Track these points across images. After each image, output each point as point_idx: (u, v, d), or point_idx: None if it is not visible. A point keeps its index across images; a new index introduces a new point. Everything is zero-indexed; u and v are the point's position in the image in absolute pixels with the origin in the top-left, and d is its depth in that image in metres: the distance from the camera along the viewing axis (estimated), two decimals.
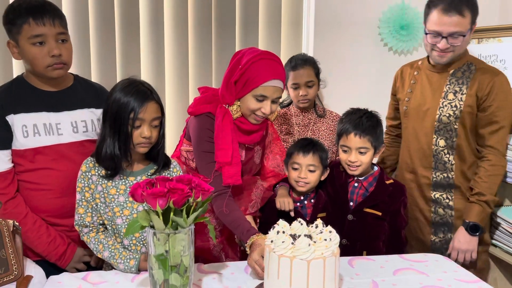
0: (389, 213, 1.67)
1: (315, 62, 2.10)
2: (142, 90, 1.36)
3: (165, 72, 2.38)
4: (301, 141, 1.75)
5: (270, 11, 2.43)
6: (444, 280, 1.38)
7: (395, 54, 2.55)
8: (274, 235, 1.14)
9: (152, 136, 1.37)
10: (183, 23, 2.36)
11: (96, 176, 1.41)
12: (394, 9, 2.48)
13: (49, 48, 1.43)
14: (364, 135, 1.65)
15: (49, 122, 1.50)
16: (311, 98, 2.06)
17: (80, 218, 1.43)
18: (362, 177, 1.72)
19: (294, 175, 1.69)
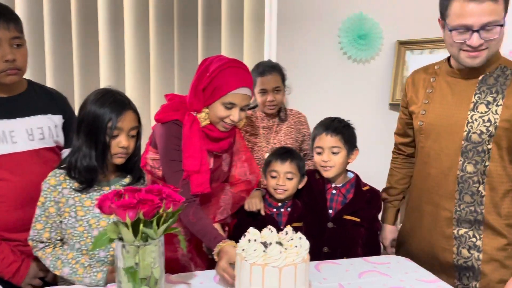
0: (366, 219, 1.73)
1: (282, 69, 2.15)
2: (120, 99, 1.35)
3: (125, 72, 2.33)
4: (279, 150, 1.79)
5: (232, 10, 2.44)
6: (406, 280, 1.44)
7: (353, 62, 2.64)
8: (246, 244, 1.14)
9: (129, 146, 1.35)
10: (144, 21, 2.32)
11: (67, 189, 1.36)
12: (352, 19, 2.57)
13: (2, 53, 1.37)
14: (335, 134, 1.71)
15: (2, 129, 1.42)
16: (278, 103, 2.09)
17: (36, 234, 1.37)
18: (340, 184, 1.75)
19: (273, 183, 1.72)
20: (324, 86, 2.62)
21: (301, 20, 2.52)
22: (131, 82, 2.35)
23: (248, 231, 1.20)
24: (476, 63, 1.42)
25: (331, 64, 2.60)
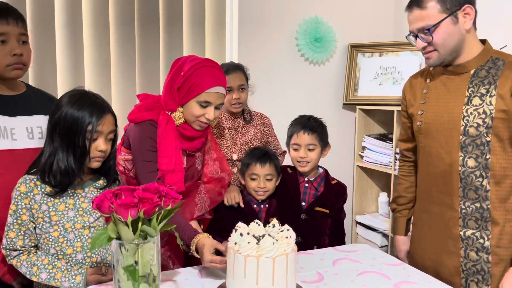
0: (334, 210, 1.86)
1: (244, 68, 2.21)
2: (99, 103, 1.34)
3: (85, 75, 2.27)
4: (256, 152, 1.84)
5: (194, 12, 2.45)
6: (375, 265, 1.57)
7: (310, 64, 2.77)
8: (238, 237, 1.19)
9: (107, 149, 1.35)
10: (104, 23, 2.27)
11: (40, 195, 1.33)
12: (309, 22, 2.69)
13: (11, 47, 1.42)
14: (312, 133, 1.83)
15: (3, 125, 1.43)
16: (243, 102, 2.14)
17: (10, 242, 1.33)
18: (312, 178, 1.87)
19: (253, 185, 1.79)
20: (283, 86, 2.72)
21: (261, 22, 2.60)
22: (91, 83, 2.29)
23: (238, 226, 1.25)
24: (430, 63, 1.51)
25: (289, 65, 2.71)
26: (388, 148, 2.58)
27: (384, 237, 2.66)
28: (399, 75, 2.70)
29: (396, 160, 2.46)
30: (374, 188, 2.88)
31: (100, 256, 1.40)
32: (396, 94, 2.67)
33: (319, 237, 1.85)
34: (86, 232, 1.38)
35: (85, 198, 1.39)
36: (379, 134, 2.77)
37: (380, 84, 2.74)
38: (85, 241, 1.37)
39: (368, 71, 2.79)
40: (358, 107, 2.78)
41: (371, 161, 2.70)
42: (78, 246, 1.36)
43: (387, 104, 2.64)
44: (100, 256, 1.40)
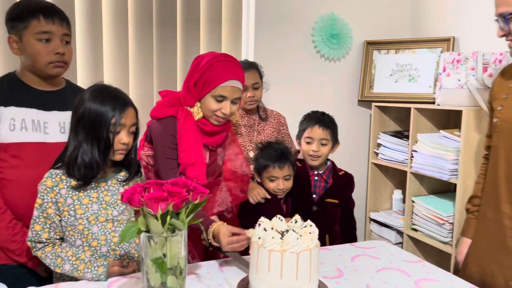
0: (343, 200, 1.93)
1: (258, 66, 2.22)
2: (121, 96, 1.37)
3: (104, 73, 2.30)
4: (273, 153, 1.83)
5: (211, 11, 2.46)
6: (394, 262, 1.58)
7: (325, 60, 2.77)
8: (262, 232, 1.21)
9: (129, 142, 1.37)
10: (123, 22, 2.29)
11: (65, 189, 1.36)
12: (325, 18, 2.69)
13: (54, 46, 1.48)
14: (326, 128, 1.88)
15: (38, 119, 1.48)
16: (258, 99, 2.16)
17: (35, 235, 1.36)
18: (322, 171, 1.93)
19: (272, 186, 1.83)
20: (298, 83, 2.73)
21: (277, 19, 2.60)
22: (110, 80, 2.30)
23: (261, 220, 1.26)
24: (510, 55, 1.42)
25: (305, 62, 2.71)
26: (404, 145, 2.58)
27: (399, 234, 2.67)
28: (415, 72, 2.69)
29: (412, 157, 2.46)
30: (388, 185, 2.88)
31: (123, 250, 1.43)
32: (412, 91, 2.66)
33: (330, 226, 1.92)
34: (109, 225, 1.40)
35: (108, 191, 1.41)
36: (395, 131, 2.77)
37: (396, 81, 2.74)
38: (108, 235, 1.40)
39: (384, 68, 2.79)
40: (373, 104, 2.77)
41: (386, 158, 2.70)
42: (102, 239, 1.39)
43: (403, 101, 2.63)
44: (124, 249, 1.43)
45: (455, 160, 2.23)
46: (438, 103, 2.37)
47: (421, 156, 2.39)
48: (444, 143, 2.31)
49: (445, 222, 2.30)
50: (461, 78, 2.28)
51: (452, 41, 2.57)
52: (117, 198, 1.42)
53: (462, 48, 2.57)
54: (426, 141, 2.38)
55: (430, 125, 2.51)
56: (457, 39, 2.59)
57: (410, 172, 2.50)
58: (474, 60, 2.23)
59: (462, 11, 2.59)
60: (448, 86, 2.31)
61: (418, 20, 2.90)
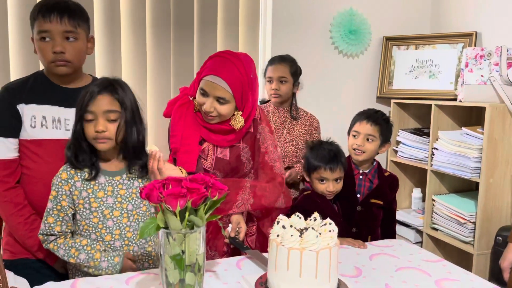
0: (387, 201, 1.88)
1: (294, 62, 2.20)
2: (101, 82, 1.34)
3: (122, 74, 2.31)
4: (325, 154, 1.74)
5: (228, 11, 2.47)
6: (413, 261, 1.54)
7: (344, 56, 2.74)
8: (281, 230, 1.20)
9: (108, 130, 1.32)
10: (141, 22, 2.31)
11: (80, 182, 1.37)
12: (343, 14, 2.66)
13: (52, 44, 1.46)
14: (375, 124, 1.83)
15: (58, 116, 1.50)
16: (283, 94, 2.14)
17: (48, 228, 1.37)
18: (367, 170, 1.88)
19: (322, 188, 1.75)
20: (316, 80, 2.70)
21: (294, 17, 2.58)
22: (128, 81, 2.32)
23: (279, 218, 1.25)
24: None
25: (323, 59, 2.68)
26: (425, 143, 2.53)
27: (418, 233, 2.63)
28: (436, 68, 2.63)
29: (432, 155, 2.41)
30: (407, 183, 2.84)
31: (137, 245, 1.43)
32: (433, 88, 2.61)
33: (374, 228, 1.87)
34: (124, 220, 1.40)
35: (122, 185, 1.41)
36: (414, 128, 2.72)
37: (416, 78, 2.69)
38: (123, 229, 1.40)
39: (403, 64, 2.74)
40: (392, 101, 2.73)
41: (406, 156, 2.65)
42: (116, 233, 1.39)
43: (424, 98, 2.58)
44: (138, 244, 1.43)
45: (477, 158, 2.18)
46: (460, 100, 2.32)
47: (442, 154, 2.34)
48: (466, 140, 2.26)
49: (467, 221, 2.25)
50: (484, 74, 2.22)
51: (474, 36, 2.51)
52: (131, 191, 1.42)
53: (485, 43, 2.51)
54: (448, 138, 2.33)
55: (451, 122, 2.46)
56: (479, 34, 2.53)
57: (430, 170, 2.45)
58: (498, 55, 2.17)
59: (485, 5, 2.52)
60: (471, 82, 2.25)
61: (439, 14, 2.84)
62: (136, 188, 1.44)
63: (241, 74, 1.53)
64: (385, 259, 1.56)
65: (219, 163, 1.66)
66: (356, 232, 1.81)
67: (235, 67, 1.52)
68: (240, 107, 1.59)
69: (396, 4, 2.80)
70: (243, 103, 1.59)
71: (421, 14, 2.87)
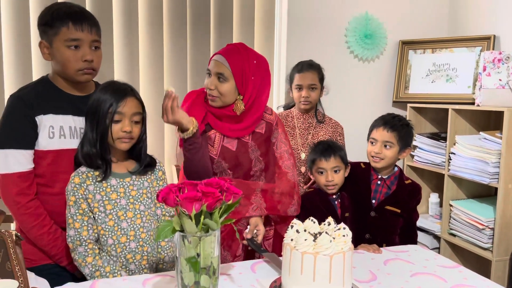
0: (406, 210, 1.83)
1: (320, 68, 2.22)
2: (122, 87, 1.41)
3: (140, 73, 2.36)
4: (320, 147, 1.84)
5: (243, 11, 2.49)
6: (429, 267, 1.53)
7: (359, 61, 2.74)
8: (294, 234, 1.20)
9: (133, 131, 1.40)
10: (158, 23, 2.35)
11: (92, 185, 1.40)
12: (358, 19, 2.66)
13: (83, 53, 1.48)
14: (391, 131, 1.80)
15: (74, 125, 1.52)
16: (313, 100, 2.16)
17: (76, 233, 1.39)
18: (386, 176, 1.85)
19: (322, 180, 1.81)
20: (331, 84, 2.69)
21: (310, 19, 2.59)
22: (145, 83, 2.37)
23: (293, 222, 1.26)
24: None
25: (338, 62, 2.68)
26: (441, 147, 2.50)
27: (435, 239, 2.59)
28: (453, 72, 2.61)
29: (450, 160, 2.38)
30: (424, 188, 2.80)
31: (151, 246, 1.46)
32: (450, 92, 2.58)
33: (389, 236, 1.83)
34: (138, 221, 1.43)
35: (133, 186, 1.44)
36: (431, 133, 2.69)
37: (433, 82, 2.66)
38: (137, 230, 1.42)
39: (420, 68, 2.72)
40: (409, 105, 2.71)
41: (422, 160, 2.63)
42: (131, 235, 1.42)
43: (441, 102, 2.56)
44: (151, 246, 1.46)
45: (496, 163, 2.15)
46: (478, 104, 2.29)
47: (460, 159, 2.31)
48: (484, 145, 2.23)
49: (485, 227, 2.22)
50: (502, 77, 2.19)
51: (492, 40, 2.47)
52: (142, 192, 1.45)
53: (503, 47, 2.47)
54: (465, 143, 2.30)
55: (469, 127, 2.43)
56: (497, 37, 2.49)
57: (447, 175, 2.43)
58: None
59: (503, 8, 2.49)
60: (489, 86, 2.23)
61: (456, 18, 2.81)
62: (147, 189, 1.47)
63: (242, 56, 1.63)
64: (400, 264, 1.55)
65: (224, 151, 1.70)
66: (369, 239, 1.79)
67: (238, 50, 1.65)
68: (241, 90, 1.65)
69: (412, 8, 2.78)
70: (243, 86, 1.64)
71: (438, 18, 2.85)
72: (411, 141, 1.88)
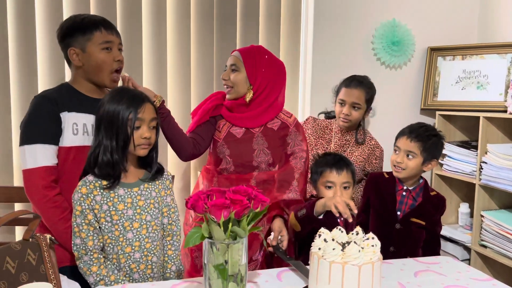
0: (430, 222, 1.79)
1: (371, 88, 2.08)
2: (136, 94, 1.43)
3: (167, 69, 2.37)
4: (330, 158, 1.70)
5: (270, 8, 2.47)
6: (462, 279, 1.49)
7: (386, 68, 2.70)
8: (322, 243, 1.20)
9: (152, 137, 1.42)
10: (186, 18, 2.36)
11: (99, 196, 1.39)
12: (386, 26, 2.63)
13: (115, 54, 1.62)
14: (415, 141, 1.74)
15: (92, 123, 1.56)
16: (354, 119, 2.02)
17: (82, 243, 1.40)
18: (411, 187, 1.80)
19: (329, 195, 1.63)
20: None
21: (336, 27, 2.58)
22: (173, 78, 2.37)
23: (321, 231, 1.25)
24: None
25: (365, 69, 2.65)
26: (472, 156, 2.44)
27: (466, 250, 2.52)
28: (484, 79, 2.54)
29: (481, 169, 2.32)
30: (454, 198, 2.74)
31: (156, 255, 1.45)
32: (481, 99, 2.52)
33: (414, 248, 1.78)
34: (143, 232, 1.43)
35: (141, 196, 1.44)
36: (461, 141, 2.63)
37: (463, 89, 2.61)
38: (142, 241, 1.42)
39: (449, 75, 2.66)
40: (437, 113, 2.65)
41: (452, 169, 2.56)
42: (136, 245, 1.41)
43: (471, 109, 2.50)
44: (156, 255, 1.45)
45: None
46: (510, 112, 2.22)
47: (492, 168, 2.25)
48: None
49: None
50: None
51: None
52: (149, 202, 1.45)
53: None
54: (497, 152, 2.24)
55: (501, 135, 2.36)
56: None
57: (478, 185, 2.36)
58: None
59: None
60: None
61: (487, 24, 2.74)
62: (154, 199, 1.47)
63: (255, 51, 1.82)
64: (432, 277, 1.51)
65: (229, 136, 1.81)
66: (394, 252, 1.74)
67: (252, 47, 1.85)
68: (251, 80, 1.79)
69: (441, 14, 2.74)
70: (253, 76, 1.79)
71: (468, 24, 2.79)
72: (439, 153, 1.80)
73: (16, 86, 2.10)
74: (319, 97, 2.48)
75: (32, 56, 2.10)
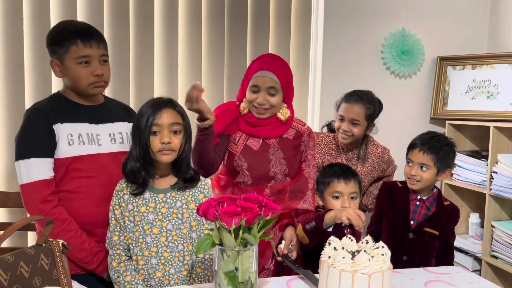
0: (444, 232, 1.78)
1: (372, 102, 1.98)
2: (161, 100, 1.44)
3: (178, 68, 2.39)
4: (337, 169, 1.69)
5: (280, 6, 2.49)
6: None
7: (396, 77, 2.71)
8: (332, 251, 1.20)
9: (172, 142, 1.39)
10: (197, 18, 2.39)
11: (127, 195, 1.45)
12: (395, 35, 2.64)
13: (93, 68, 1.53)
14: (428, 153, 1.72)
15: (91, 132, 1.57)
16: (354, 135, 1.96)
17: (110, 236, 1.46)
18: (425, 197, 1.79)
19: (337, 206, 1.62)
20: None
21: (345, 38, 2.59)
22: (183, 77, 2.39)
23: (331, 240, 1.25)
24: None
25: (374, 79, 2.66)
26: (483, 166, 2.42)
27: (476, 260, 2.49)
28: (494, 88, 2.54)
29: (492, 178, 2.30)
30: (464, 208, 2.72)
31: (174, 267, 1.43)
32: (491, 109, 2.51)
33: (427, 258, 1.77)
34: (162, 239, 1.42)
35: (165, 203, 1.44)
36: (471, 151, 2.62)
37: (473, 98, 2.60)
38: (160, 248, 1.42)
39: (459, 84, 2.66)
40: (447, 122, 2.65)
41: (462, 179, 2.55)
42: (153, 251, 1.42)
43: (482, 119, 2.49)
44: (174, 267, 1.43)
45: None
46: None
47: (503, 178, 2.23)
48: None
49: None
50: None
51: None
52: (172, 211, 1.44)
53: None
54: (508, 161, 2.22)
55: None
56: None
57: (489, 195, 2.34)
58: None
59: None
60: None
61: (497, 33, 2.74)
62: (178, 209, 1.45)
63: (285, 68, 1.76)
64: (442, 287, 1.50)
65: (246, 149, 1.77)
66: (407, 261, 1.73)
67: (280, 63, 1.75)
68: (285, 99, 1.76)
69: (451, 24, 2.74)
70: (288, 95, 1.76)
71: (478, 33, 2.79)
72: (452, 162, 1.79)
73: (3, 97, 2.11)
74: (328, 107, 2.48)
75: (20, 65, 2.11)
